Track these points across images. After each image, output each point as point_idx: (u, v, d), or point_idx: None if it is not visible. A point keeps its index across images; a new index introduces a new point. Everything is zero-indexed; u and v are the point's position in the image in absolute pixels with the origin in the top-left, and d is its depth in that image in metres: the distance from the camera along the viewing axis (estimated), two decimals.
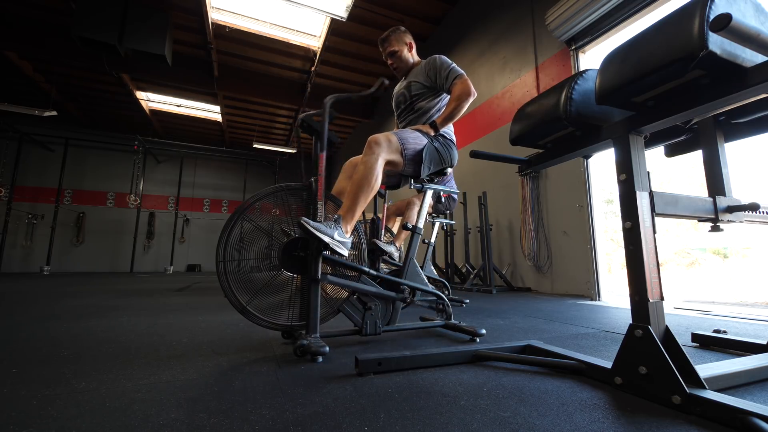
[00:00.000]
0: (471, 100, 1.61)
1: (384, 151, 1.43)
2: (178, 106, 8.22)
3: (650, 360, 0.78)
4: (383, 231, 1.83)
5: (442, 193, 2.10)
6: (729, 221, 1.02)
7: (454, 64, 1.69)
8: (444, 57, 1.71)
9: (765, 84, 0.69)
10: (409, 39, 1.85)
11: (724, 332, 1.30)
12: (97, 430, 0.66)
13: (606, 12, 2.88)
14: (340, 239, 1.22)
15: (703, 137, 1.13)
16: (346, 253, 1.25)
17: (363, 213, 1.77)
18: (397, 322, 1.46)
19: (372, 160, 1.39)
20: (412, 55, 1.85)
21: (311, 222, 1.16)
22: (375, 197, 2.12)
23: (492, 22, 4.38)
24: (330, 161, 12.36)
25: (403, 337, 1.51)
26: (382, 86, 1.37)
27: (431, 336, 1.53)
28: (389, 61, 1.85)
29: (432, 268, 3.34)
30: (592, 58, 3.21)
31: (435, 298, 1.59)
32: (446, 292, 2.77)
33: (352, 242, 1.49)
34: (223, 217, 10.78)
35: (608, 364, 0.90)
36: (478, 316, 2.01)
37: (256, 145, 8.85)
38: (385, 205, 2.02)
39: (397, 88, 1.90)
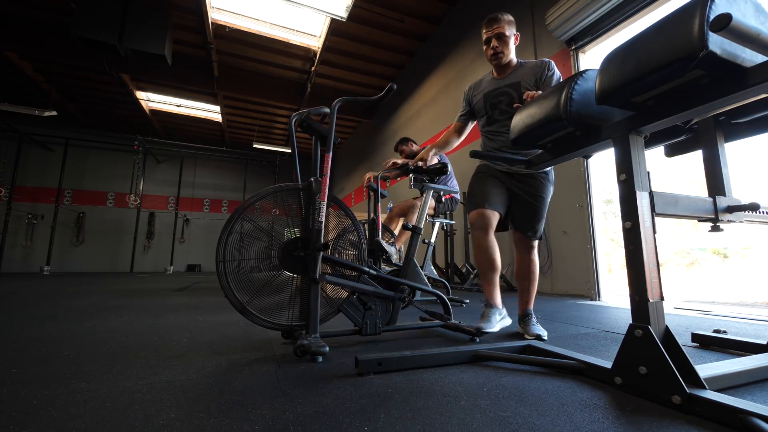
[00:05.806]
0: None
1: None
2: (178, 106, 8.22)
3: (650, 360, 0.78)
4: (381, 231, 1.82)
5: (443, 194, 2.10)
6: (729, 221, 1.02)
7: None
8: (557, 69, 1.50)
9: (765, 84, 0.69)
10: (515, 30, 1.56)
11: (724, 332, 1.30)
12: (97, 430, 0.66)
13: (606, 12, 2.88)
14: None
15: (703, 137, 1.13)
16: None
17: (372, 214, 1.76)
18: (397, 322, 1.46)
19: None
20: (513, 52, 1.57)
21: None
22: (376, 197, 2.12)
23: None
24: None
25: (403, 337, 1.51)
26: (390, 92, 1.36)
27: (431, 336, 1.53)
28: (493, 43, 1.50)
29: (432, 267, 3.33)
30: (592, 58, 3.21)
31: (435, 298, 1.59)
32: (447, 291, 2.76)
33: (353, 242, 1.50)
34: (223, 217, 10.77)
35: (608, 364, 0.90)
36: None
37: (256, 145, 8.86)
38: (389, 206, 2.03)
39: (489, 85, 1.60)
